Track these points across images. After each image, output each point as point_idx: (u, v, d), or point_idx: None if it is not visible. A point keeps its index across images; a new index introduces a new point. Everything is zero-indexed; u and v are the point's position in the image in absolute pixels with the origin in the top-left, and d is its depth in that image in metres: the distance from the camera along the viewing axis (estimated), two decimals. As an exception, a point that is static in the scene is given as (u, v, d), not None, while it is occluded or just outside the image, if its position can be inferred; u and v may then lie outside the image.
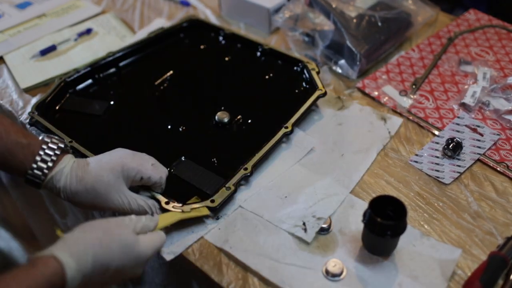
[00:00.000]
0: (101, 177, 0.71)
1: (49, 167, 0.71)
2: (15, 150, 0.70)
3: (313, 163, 0.85)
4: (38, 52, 1.08)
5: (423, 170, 0.84)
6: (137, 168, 0.73)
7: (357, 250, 0.73)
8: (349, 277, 0.70)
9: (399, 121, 0.91)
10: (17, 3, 1.23)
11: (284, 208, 0.78)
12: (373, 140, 0.89)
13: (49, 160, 0.71)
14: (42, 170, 0.71)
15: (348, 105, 0.95)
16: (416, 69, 1.03)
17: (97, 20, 1.19)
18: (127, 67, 1.04)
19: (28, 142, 0.71)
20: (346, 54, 1.01)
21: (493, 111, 0.94)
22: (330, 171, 0.84)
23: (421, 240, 0.74)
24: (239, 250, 0.73)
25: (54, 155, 0.72)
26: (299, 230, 0.75)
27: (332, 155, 0.86)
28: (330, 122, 0.92)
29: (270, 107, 0.94)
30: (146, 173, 0.74)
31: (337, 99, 0.96)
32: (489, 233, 0.76)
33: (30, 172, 0.71)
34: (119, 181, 0.72)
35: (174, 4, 1.24)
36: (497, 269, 0.68)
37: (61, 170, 0.71)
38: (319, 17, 1.05)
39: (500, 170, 0.84)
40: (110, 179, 0.71)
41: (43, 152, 0.71)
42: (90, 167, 0.72)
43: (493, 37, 1.10)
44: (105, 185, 0.71)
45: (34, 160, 0.71)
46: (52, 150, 0.72)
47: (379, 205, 0.68)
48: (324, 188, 0.81)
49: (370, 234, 0.69)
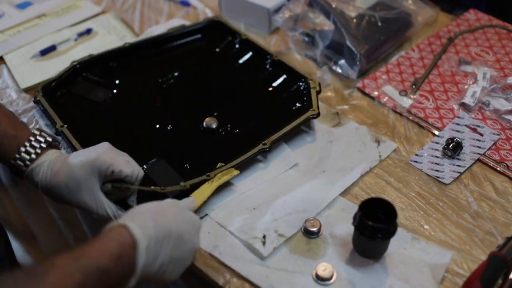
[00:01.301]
0: (73, 173, 0.70)
1: (31, 159, 0.73)
2: (2, 140, 0.73)
3: (291, 178, 0.83)
4: (38, 52, 1.08)
5: (423, 170, 0.84)
6: (109, 162, 0.71)
7: (347, 253, 0.73)
8: (339, 280, 0.70)
9: (393, 145, 0.88)
10: (17, 3, 1.23)
11: (249, 219, 0.77)
12: (361, 161, 0.85)
13: (33, 153, 0.73)
14: (25, 161, 0.72)
15: (344, 122, 0.92)
16: (416, 69, 1.03)
17: (97, 20, 1.19)
18: (139, 59, 1.04)
19: (16, 134, 0.73)
20: (346, 54, 1.01)
21: (493, 111, 0.93)
22: (305, 187, 0.81)
23: (411, 243, 0.74)
24: (229, 256, 0.73)
25: (39, 148, 0.73)
26: (257, 242, 0.73)
27: (314, 171, 0.84)
28: (321, 138, 0.89)
29: (262, 120, 0.91)
30: (117, 166, 0.71)
31: (334, 115, 0.93)
32: (489, 233, 0.76)
33: (12, 163, 0.73)
34: (91, 178, 0.70)
35: (174, 4, 1.24)
36: (497, 269, 0.68)
37: (41, 164, 0.72)
38: (319, 17, 1.05)
39: (500, 170, 0.84)
40: (80, 175, 0.70)
41: (29, 144, 0.73)
42: (66, 161, 0.72)
43: (493, 37, 1.10)
44: (76, 181, 0.70)
45: (18, 151, 0.72)
46: (38, 143, 0.73)
47: (370, 208, 0.68)
48: (294, 203, 0.79)
49: (361, 237, 0.69)
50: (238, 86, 1.00)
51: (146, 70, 1.03)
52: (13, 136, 0.73)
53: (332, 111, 0.94)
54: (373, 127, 0.92)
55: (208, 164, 0.81)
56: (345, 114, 0.94)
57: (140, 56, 1.05)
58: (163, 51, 1.06)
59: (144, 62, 1.04)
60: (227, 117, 0.92)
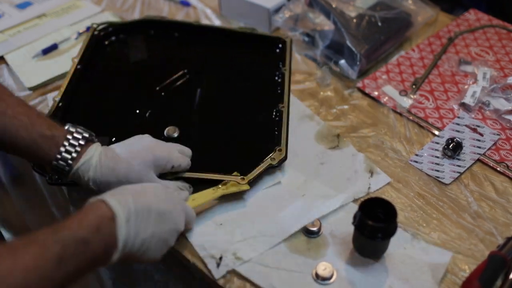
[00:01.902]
0: (132, 166, 0.73)
1: (73, 158, 0.72)
2: (41, 142, 0.71)
3: (268, 197, 0.80)
4: (40, 51, 1.08)
5: (423, 170, 0.84)
6: (167, 157, 0.76)
7: (347, 252, 0.73)
8: (339, 280, 0.70)
9: (386, 179, 0.82)
10: (17, 3, 1.23)
11: (213, 235, 0.75)
12: (347, 190, 0.80)
13: (73, 151, 0.72)
14: (67, 161, 0.72)
15: (342, 145, 0.88)
16: (416, 69, 1.03)
17: (96, 19, 1.18)
18: (163, 36, 1.07)
19: (52, 133, 0.72)
20: (346, 54, 1.01)
21: (493, 111, 0.94)
22: (279, 209, 0.78)
23: (412, 243, 0.74)
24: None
25: (78, 146, 0.72)
26: (212, 262, 0.71)
27: (294, 193, 0.80)
28: (314, 159, 0.85)
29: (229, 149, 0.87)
30: (176, 161, 0.77)
31: (334, 137, 0.89)
32: (489, 233, 0.76)
33: (55, 163, 0.72)
34: (149, 170, 0.74)
35: (174, 4, 1.24)
36: (497, 269, 0.68)
37: (88, 161, 0.72)
38: (319, 17, 1.05)
39: (500, 170, 0.84)
40: (141, 168, 0.73)
41: (67, 143, 0.72)
42: (120, 157, 0.73)
43: (493, 37, 1.10)
44: (136, 174, 0.73)
45: (59, 151, 0.71)
46: (77, 140, 0.73)
47: (370, 207, 0.68)
48: (263, 226, 0.76)
49: (361, 236, 0.69)
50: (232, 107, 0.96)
51: (159, 50, 1.06)
52: (50, 136, 0.72)
53: (334, 132, 0.90)
54: (373, 127, 0.92)
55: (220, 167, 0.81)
56: (343, 136, 0.89)
57: (165, 35, 1.08)
58: (187, 40, 1.07)
59: (166, 41, 1.07)
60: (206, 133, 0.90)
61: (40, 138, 0.71)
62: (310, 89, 1.00)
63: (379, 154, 0.87)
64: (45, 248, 0.53)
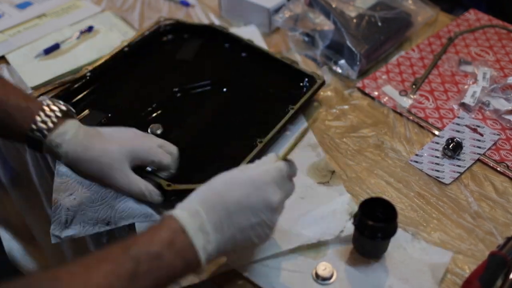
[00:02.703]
0: (107, 151, 0.71)
1: (49, 128, 0.69)
2: (14, 113, 0.69)
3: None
4: (42, 51, 1.08)
5: (423, 170, 0.84)
6: (147, 152, 0.74)
7: (347, 252, 0.73)
8: (339, 280, 0.70)
9: None
10: (17, 3, 1.23)
11: None
12: (315, 230, 0.74)
13: (49, 121, 0.70)
14: (42, 131, 0.69)
15: (333, 183, 0.82)
16: (416, 69, 1.03)
17: (96, 18, 1.19)
18: (215, 45, 1.08)
19: (27, 105, 0.70)
20: (346, 54, 1.01)
21: (493, 111, 0.94)
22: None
23: (412, 243, 0.74)
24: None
25: (55, 117, 0.70)
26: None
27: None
28: (296, 190, 0.74)
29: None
30: (157, 156, 0.75)
31: (328, 172, 0.84)
32: (489, 233, 0.76)
33: (29, 134, 0.69)
34: (124, 159, 0.72)
35: (174, 4, 1.24)
36: (497, 269, 0.68)
37: (62, 134, 0.70)
38: (319, 17, 1.05)
39: (500, 170, 0.84)
40: (115, 155, 0.71)
41: (43, 113, 0.70)
42: (98, 138, 0.72)
43: (493, 37, 1.10)
44: (109, 159, 0.71)
45: (34, 121, 0.69)
46: (53, 112, 0.70)
47: (370, 208, 0.69)
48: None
49: (361, 236, 0.69)
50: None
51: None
52: (25, 107, 0.69)
53: (329, 167, 0.85)
54: (373, 127, 0.92)
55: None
56: (339, 175, 0.84)
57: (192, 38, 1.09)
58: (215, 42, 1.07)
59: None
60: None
61: (14, 110, 0.69)
62: (310, 89, 1.00)
63: (379, 154, 0.87)
64: (118, 265, 0.53)
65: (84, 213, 0.79)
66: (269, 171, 0.62)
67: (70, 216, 0.80)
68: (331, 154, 0.88)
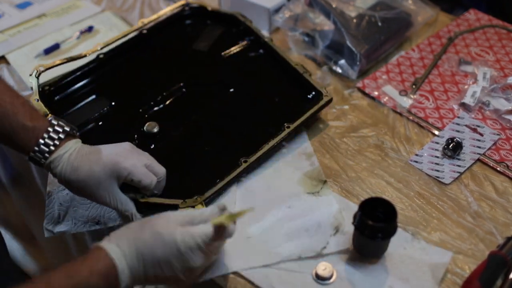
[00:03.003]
0: (93, 172, 0.72)
1: (50, 151, 0.73)
2: (20, 132, 0.72)
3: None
4: (42, 51, 1.08)
5: (423, 170, 0.84)
6: (129, 169, 0.73)
7: (347, 252, 0.73)
8: (339, 280, 0.70)
9: (347, 244, 0.73)
10: (17, 3, 1.23)
11: None
12: (296, 244, 0.74)
13: (51, 144, 0.73)
14: (44, 153, 0.73)
15: (323, 193, 0.81)
16: (416, 69, 1.03)
17: (96, 18, 1.19)
18: (236, 37, 1.06)
19: (33, 125, 0.73)
20: (346, 54, 1.01)
21: (493, 111, 0.94)
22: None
23: (412, 243, 0.74)
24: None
25: (57, 139, 0.73)
26: None
27: (239, 231, 0.68)
28: (282, 200, 0.80)
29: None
30: (137, 176, 0.73)
31: (319, 182, 0.82)
32: (489, 233, 0.76)
33: (32, 155, 0.73)
34: (109, 179, 0.73)
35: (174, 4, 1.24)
36: (497, 269, 0.68)
37: (60, 156, 0.73)
38: (319, 17, 1.05)
39: (500, 170, 0.84)
40: (100, 176, 0.72)
41: (47, 135, 0.73)
42: (87, 159, 0.73)
43: (493, 37, 1.10)
44: (95, 180, 0.72)
45: (37, 144, 0.72)
46: (56, 133, 0.73)
47: (370, 207, 0.69)
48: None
49: (361, 236, 0.69)
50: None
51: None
52: (31, 128, 0.73)
53: (321, 177, 0.83)
54: (373, 127, 0.92)
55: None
56: (330, 183, 0.82)
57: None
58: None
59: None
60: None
61: (21, 129, 0.72)
62: (310, 89, 1.00)
63: (379, 154, 0.87)
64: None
65: (76, 210, 0.82)
66: (194, 236, 0.63)
67: (63, 211, 0.82)
68: (331, 154, 0.88)
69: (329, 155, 0.88)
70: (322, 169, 0.85)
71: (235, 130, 0.90)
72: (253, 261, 0.72)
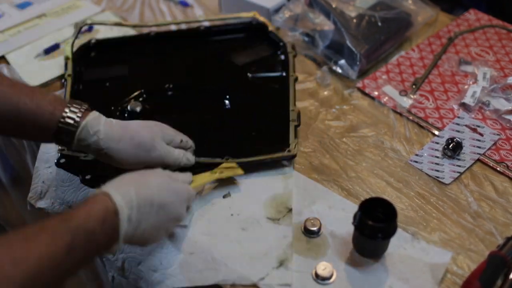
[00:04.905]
0: (145, 125, 0.75)
1: (80, 116, 0.70)
2: (45, 104, 0.70)
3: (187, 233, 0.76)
4: (42, 51, 1.08)
5: (423, 170, 0.84)
6: (173, 133, 0.78)
7: (347, 252, 0.73)
8: (339, 280, 0.70)
9: (288, 279, 0.70)
10: (17, 3, 1.23)
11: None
12: (236, 269, 0.71)
13: (77, 111, 0.71)
14: (74, 118, 0.70)
15: (283, 222, 0.77)
16: (416, 69, 1.03)
17: (97, 18, 1.19)
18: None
19: (55, 97, 0.72)
20: (346, 54, 1.01)
21: (493, 111, 0.94)
22: (180, 257, 0.74)
23: (412, 243, 0.74)
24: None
25: (82, 108, 0.71)
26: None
27: (186, 246, 0.73)
28: (240, 221, 0.77)
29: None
30: (183, 136, 0.79)
31: (284, 209, 0.78)
32: (489, 233, 0.76)
33: (62, 121, 0.69)
34: (159, 136, 0.75)
35: (174, 4, 1.24)
36: (497, 269, 0.68)
37: (97, 117, 0.72)
38: (319, 17, 1.05)
39: (500, 170, 0.84)
40: (153, 129, 0.75)
41: (70, 105, 0.71)
42: (126, 125, 0.74)
43: (493, 37, 1.10)
44: (150, 130, 0.74)
45: (64, 110, 0.70)
46: (79, 105, 0.72)
47: (370, 208, 0.68)
48: (168, 262, 0.73)
49: (361, 236, 0.69)
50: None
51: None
52: (53, 99, 0.71)
53: (288, 205, 0.79)
54: (373, 127, 0.92)
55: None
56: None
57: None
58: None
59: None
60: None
61: (44, 101, 0.70)
62: (310, 89, 1.00)
63: (379, 154, 0.87)
64: (57, 237, 0.55)
65: (55, 190, 0.84)
66: (190, 191, 0.72)
67: (44, 189, 0.85)
68: (331, 154, 0.88)
69: (329, 155, 0.88)
70: (293, 195, 0.80)
71: (225, 136, 0.90)
72: (193, 279, 0.71)
